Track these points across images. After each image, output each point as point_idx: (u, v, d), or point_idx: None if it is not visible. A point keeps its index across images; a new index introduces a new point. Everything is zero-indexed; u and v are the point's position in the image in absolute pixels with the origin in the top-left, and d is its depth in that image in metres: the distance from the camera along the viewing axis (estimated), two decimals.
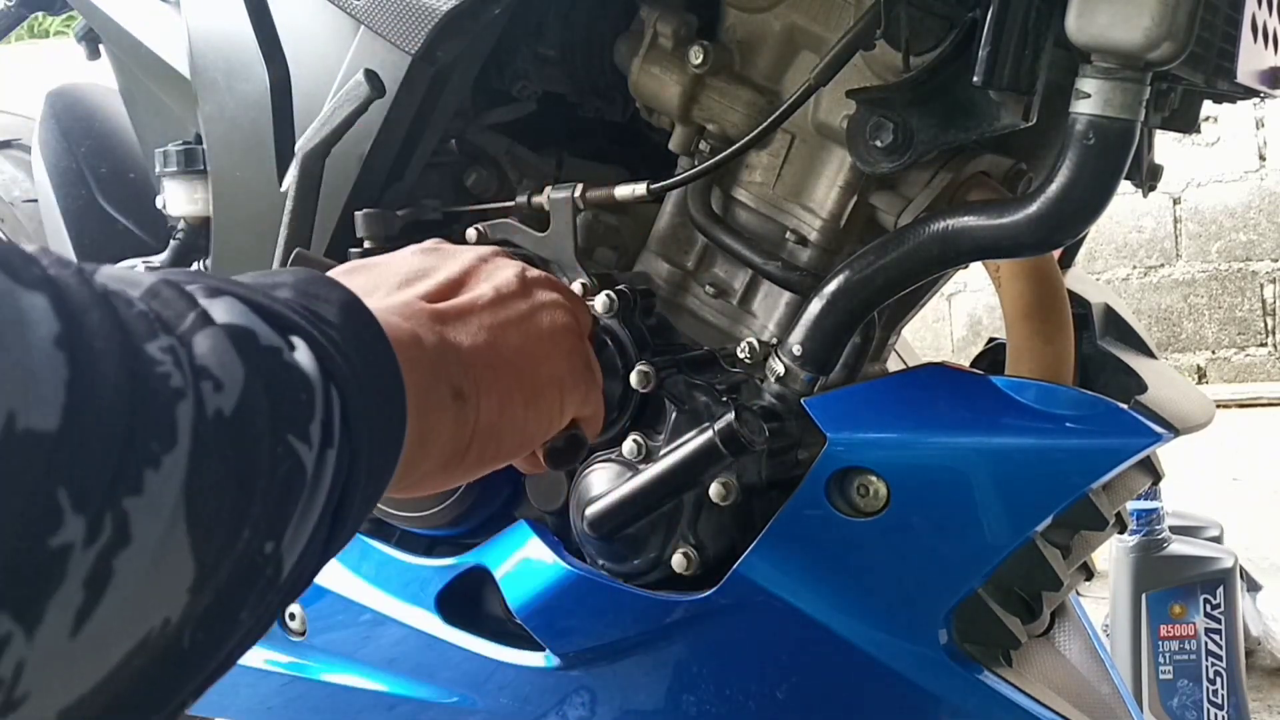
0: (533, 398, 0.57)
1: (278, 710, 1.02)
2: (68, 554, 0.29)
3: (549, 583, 0.85)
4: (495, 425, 0.54)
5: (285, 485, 0.36)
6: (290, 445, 0.37)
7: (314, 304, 0.42)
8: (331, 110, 0.92)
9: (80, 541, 0.29)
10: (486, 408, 0.53)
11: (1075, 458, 0.72)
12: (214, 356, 0.35)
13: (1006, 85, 0.69)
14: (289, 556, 0.37)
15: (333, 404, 0.39)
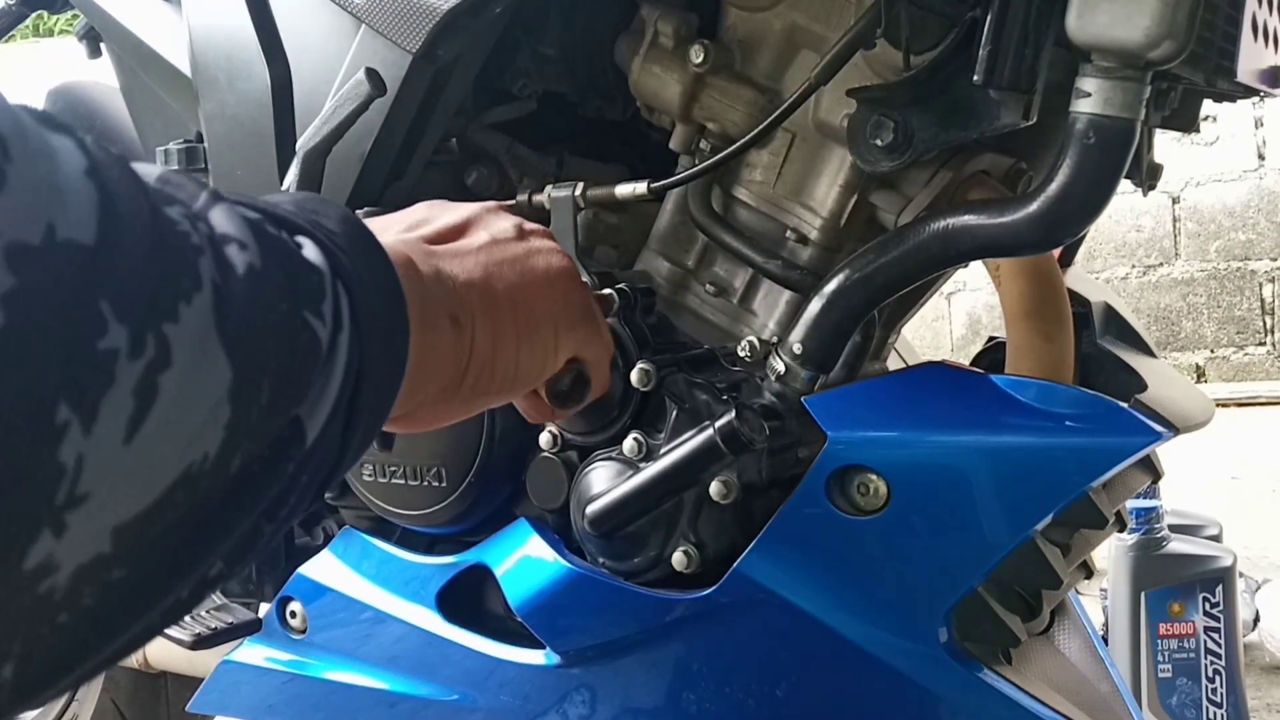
0: (527, 332, 0.58)
1: (279, 708, 1.02)
2: (114, 359, 0.30)
3: (549, 581, 0.85)
4: (490, 356, 0.55)
5: (303, 352, 0.38)
6: (305, 319, 0.38)
7: (314, 215, 0.43)
8: (332, 109, 0.92)
9: (125, 351, 0.30)
10: (481, 337, 0.55)
11: (1075, 456, 0.72)
12: (230, 226, 0.36)
13: (1007, 84, 0.69)
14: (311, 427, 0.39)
15: (340, 296, 0.40)
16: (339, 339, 0.40)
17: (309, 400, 0.38)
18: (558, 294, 0.62)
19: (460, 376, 0.54)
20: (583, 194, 0.87)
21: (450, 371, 0.53)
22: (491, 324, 0.56)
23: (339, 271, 0.41)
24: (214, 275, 0.34)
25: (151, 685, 1.52)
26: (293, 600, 1.01)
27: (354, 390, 0.41)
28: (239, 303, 0.35)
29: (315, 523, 1.09)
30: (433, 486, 0.92)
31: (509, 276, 0.58)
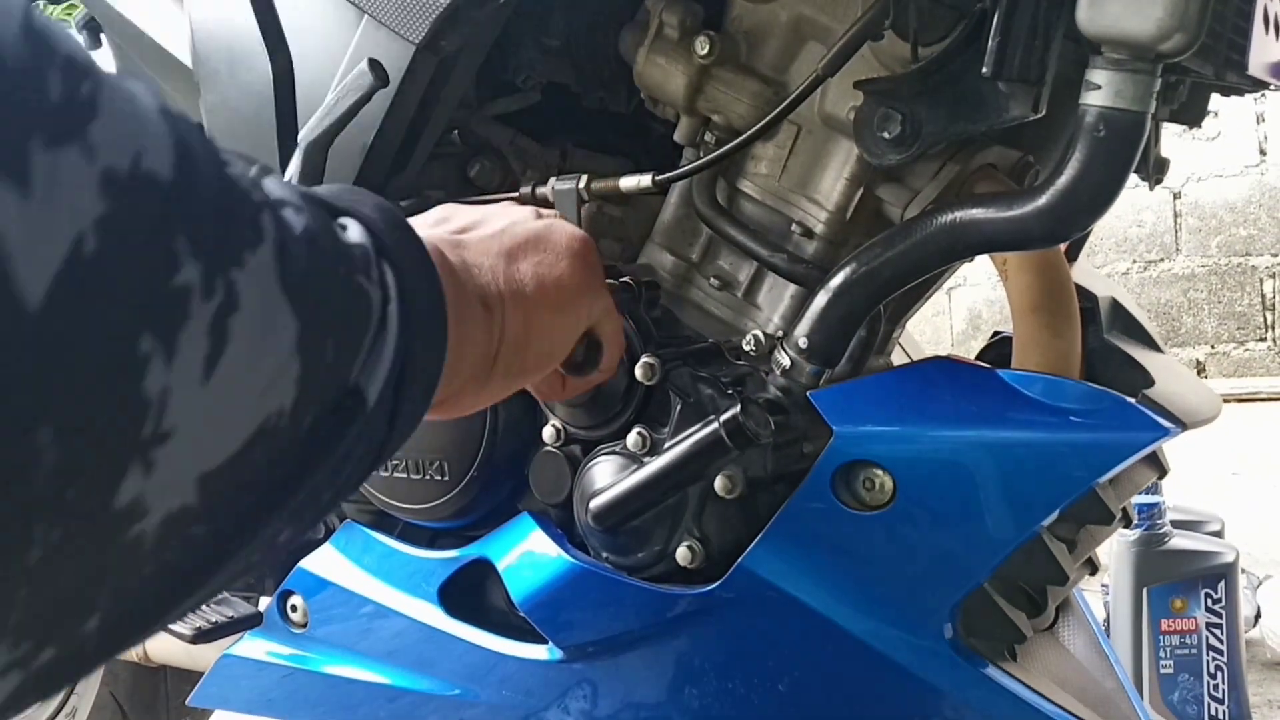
0: (555, 305, 0.60)
1: (279, 702, 1.02)
2: (189, 295, 0.30)
3: (552, 575, 0.84)
4: (521, 337, 0.57)
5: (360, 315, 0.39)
6: (359, 283, 0.39)
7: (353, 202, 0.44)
8: (335, 100, 0.91)
9: (199, 289, 0.31)
10: (512, 319, 0.56)
11: (1082, 452, 0.71)
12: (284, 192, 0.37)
13: (1016, 76, 0.68)
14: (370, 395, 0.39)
15: (385, 270, 0.41)
16: (389, 310, 0.40)
17: (366, 366, 0.39)
18: (579, 262, 0.63)
19: (492, 359, 0.55)
20: (587, 186, 0.87)
21: (482, 355, 0.54)
22: (521, 304, 0.57)
23: (383, 251, 0.42)
24: (275, 231, 0.35)
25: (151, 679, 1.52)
26: (293, 594, 1.01)
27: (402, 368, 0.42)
28: (300, 259, 0.35)
29: None
30: (435, 480, 0.91)
31: (531, 253, 0.60)
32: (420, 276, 0.44)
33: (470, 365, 0.53)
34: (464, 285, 0.53)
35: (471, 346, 0.53)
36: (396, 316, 0.41)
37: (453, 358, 0.48)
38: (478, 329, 0.53)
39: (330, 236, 0.38)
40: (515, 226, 0.61)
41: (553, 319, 0.60)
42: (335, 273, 0.38)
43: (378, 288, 0.40)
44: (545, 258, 0.60)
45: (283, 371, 0.34)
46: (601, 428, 0.84)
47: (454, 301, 0.49)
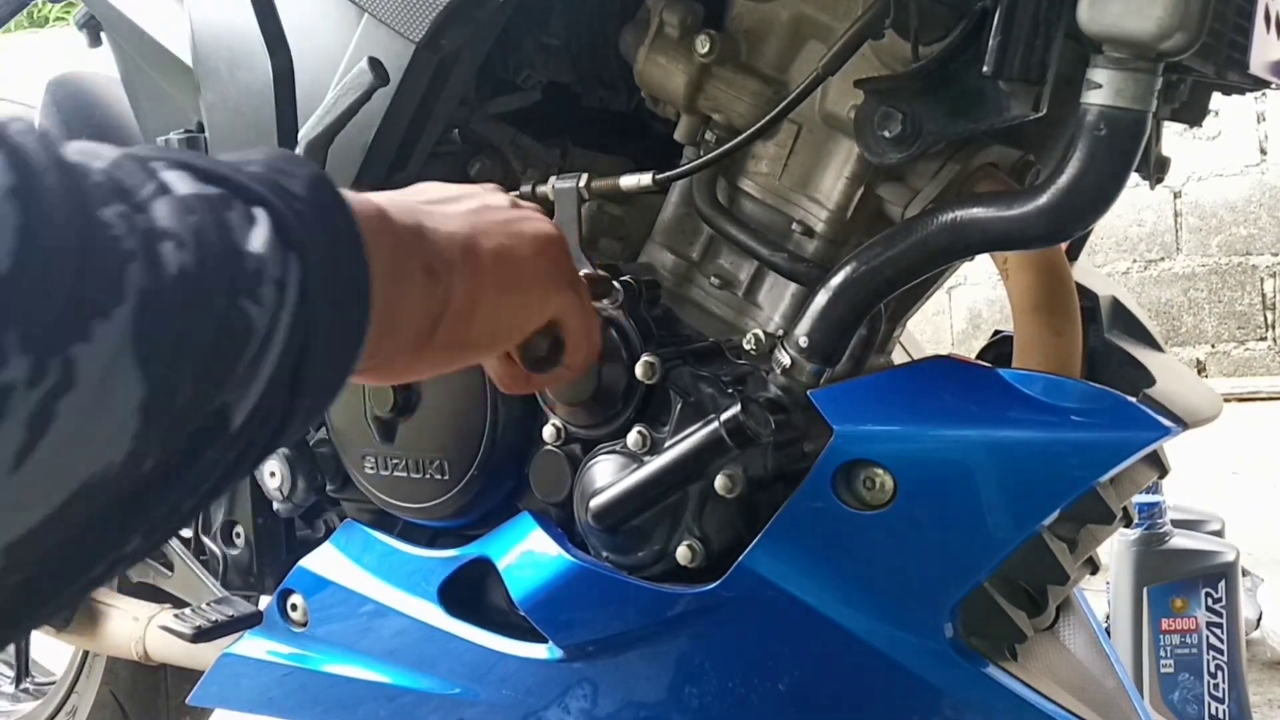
0: (508, 289, 0.59)
1: (279, 701, 1.02)
2: (10, 392, 0.31)
3: (552, 574, 0.84)
4: (467, 308, 0.56)
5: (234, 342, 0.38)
6: (240, 307, 0.39)
7: (281, 178, 0.44)
8: (335, 99, 0.91)
9: (23, 381, 0.31)
10: (459, 289, 0.55)
11: (1083, 451, 0.71)
12: (171, 220, 0.37)
13: (1017, 75, 0.68)
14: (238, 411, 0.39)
15: (289, 271, 0.41)
16: (279, 317, 0.40)
17: (236, 386, 0.39)
18: (544, 256, 0.62)
19: (433, 326, 0.54)
20: (587, 185, 0.87)
21: (421, 321, 0.53)
22: (472, 276, 0.56)
23: (291, 243, 0.41)
24: (142, 281, 0.35)
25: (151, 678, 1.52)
26: (294, 593, 1.01)
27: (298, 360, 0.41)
28: (165, 305, 0.35)
29: (317, 515, 1.08)
30: (435, 479, 0.91)
31: (495, 234, 0.59)
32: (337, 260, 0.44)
33: (407, 330, 0.53)
34: (406, 248, 0.52)
35: (408, 312, 0.52)
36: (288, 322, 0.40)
37: (384, 323, 0.48)
38: (416, 294, 0.52)
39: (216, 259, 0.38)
40: (488, 210, 0.61)
41: (502, 298, 0.59)
42: (210, 305, 0.37)
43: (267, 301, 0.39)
44: (508, 241, 0.60)
45: (119, 432, 0.35)
46: (602, 427, 0.84)
47: (389, 265, 0.49)
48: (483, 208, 0.60)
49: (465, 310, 0.55)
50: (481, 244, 0.58)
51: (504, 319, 0.59)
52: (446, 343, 0.55)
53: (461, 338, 0.56)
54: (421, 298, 0.53)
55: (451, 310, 0.55)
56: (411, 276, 0.52)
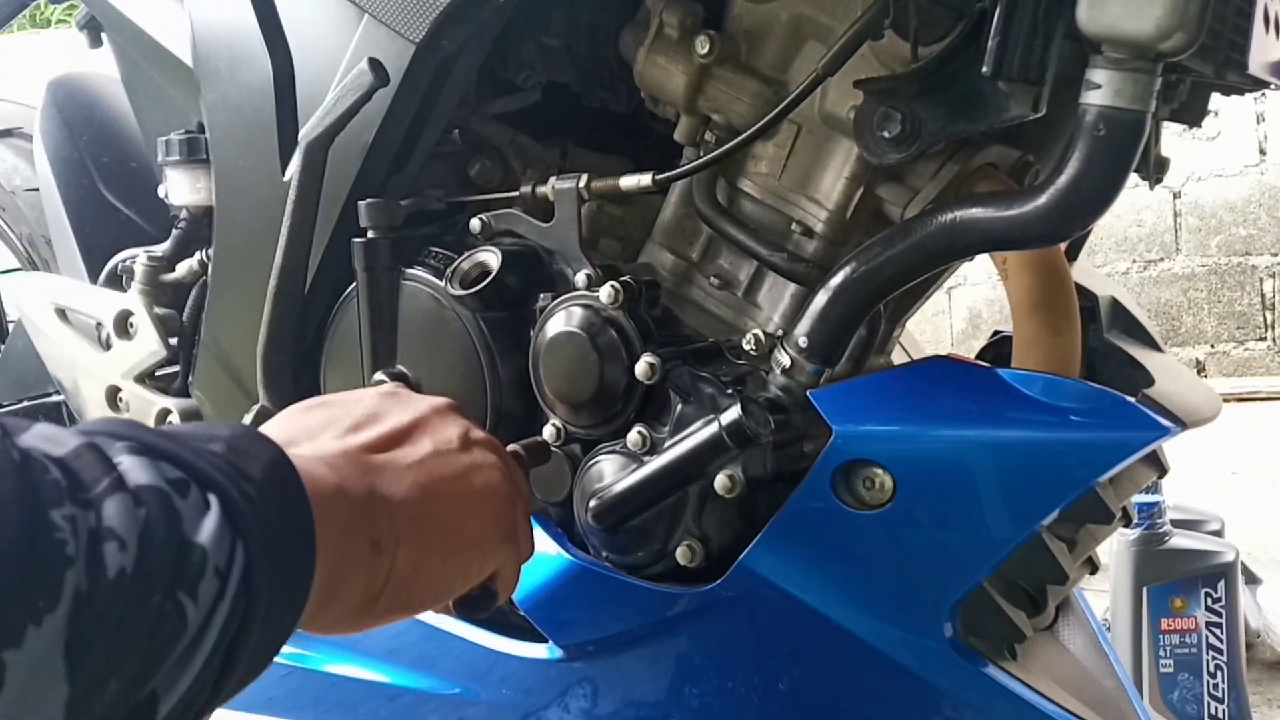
0: (451, 554, 0.59)
1: (279, 701, 1.02)
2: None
3: (552, 574, 0.84)
4: (409, 578, 0.56)
5: (166, 637, 0.40)
6: (179, 601, 0.40)
7: (241, 460, 0.45)
8: (335, 99, 0.91)
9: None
10: (403, 560, 0.55)
11: (1082, 451, 0.71)
12: (119, 520, 0.38)
13: (1016, 76, 0.68)
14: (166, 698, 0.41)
15: (235, 560, 0.42)
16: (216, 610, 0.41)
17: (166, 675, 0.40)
18: (489, 515, 0.62)
19: (376, 597, 0.55)
20: (587, 186, 0.87)
21: (363, 594, 0.54)
22: (417, 547, 0.56)
23: (240, 531, 0.43)
24: (79, 584, 0.36)
25: None
26: None
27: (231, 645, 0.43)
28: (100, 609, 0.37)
29: None
30: None
31: (444, 495, 0.59)
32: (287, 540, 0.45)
33: (350, 601, 0.53)
34: (356, 524, 0.52)
35: (352, 587, 0.53)
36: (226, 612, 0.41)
37: (322, 600, 0.49)
38: (360, 572, 0.53)
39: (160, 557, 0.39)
40: (437, 459, 0.60)
41: (445, 567, 0.59)
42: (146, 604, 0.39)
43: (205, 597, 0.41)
44: (455, 504, 0.59)
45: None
46: (601, 427, 0.84)
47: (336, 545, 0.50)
48: (434, 455, 0.60)
49: (407, 579, 0.56)
50: (429, 510, 0.58)
51: (444, 584, 0.60)
52: (388, 608, 0.56)
53: (403, 602, 0.57)
54: (365, 574, 0.53)
55: (394, 580, 0.55)
56: (358, 556, 0.52)
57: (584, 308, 0.83)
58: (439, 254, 0.94)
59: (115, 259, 1.28)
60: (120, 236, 1.34)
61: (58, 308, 1.27)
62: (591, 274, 0.84)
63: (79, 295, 1.27)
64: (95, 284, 1.30)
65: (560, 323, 0.84)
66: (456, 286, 0.89)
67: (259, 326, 0.98)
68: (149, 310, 1.19)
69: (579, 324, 0.83)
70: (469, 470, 0.61)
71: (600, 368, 0.82)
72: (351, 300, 0.96)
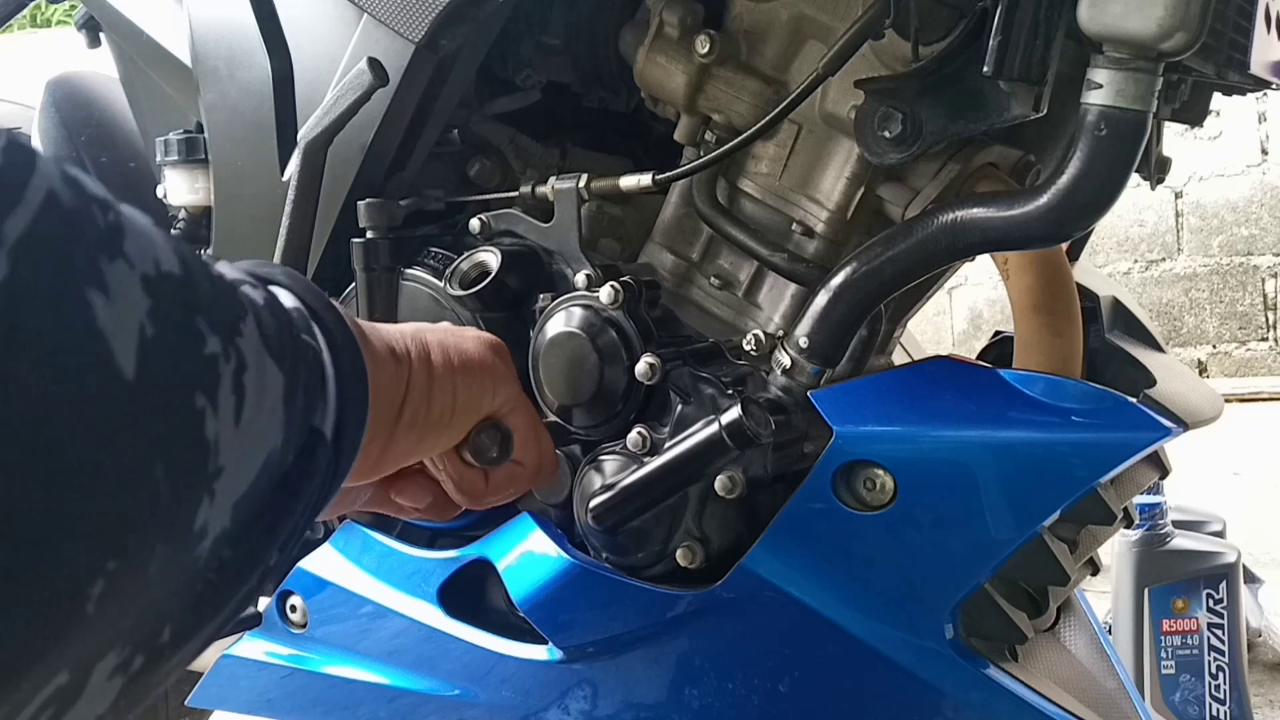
0: (459, 369, 0.66)
1: (278, 702, 1.02)
2: (216, 361, 0.39)
3: (552, 575, 0.84)
4: (426, 386, 0.62)
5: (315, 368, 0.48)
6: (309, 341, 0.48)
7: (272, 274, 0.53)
8: (334, 99, 0.91)
9: (221, 356, 0.39)
10: (418, 372, 0.62)
11: (1083, 452, 0.71)
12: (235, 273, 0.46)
13: (1017, 76, 0.68)
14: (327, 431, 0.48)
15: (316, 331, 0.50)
16: (325, 361, 0.49)
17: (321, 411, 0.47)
18: (488, 349, 0.69)
19: (400, 405, 0.61)
20: (587, 185, 0.86)
21: (392, 400, 0.60)
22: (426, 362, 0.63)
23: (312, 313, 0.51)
24: (249, 304, 0.43)
25: None
26: (293, 594, 1.01)
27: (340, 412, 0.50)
28: (269, 324, 0.43)
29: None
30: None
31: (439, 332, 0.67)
32: (341, 332, 0.52)
33: (381, 411, 0.59)
34: (373, 339, 0.59)
35: (382, 392, 0.58)
36: (331, 367, 0.49)
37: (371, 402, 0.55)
38: (387, 374, 0.59)
39: (276, 304, 0.46)
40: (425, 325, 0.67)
41: (455, 379, 0.65)
42: (291, 333, 0.46)
43: (321, 341, 0.49)
44: (450, 337, 0.66)
45: (274, 416, 0.42)
46: (601, 427, 0.83)
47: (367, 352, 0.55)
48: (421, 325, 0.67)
49: (424, 389, 0.62)
50: (428, 337, 0.65)
51: (458, 397, 0.65)
52: (411, 421, 0.62)
53: (423, 416, 0.63)
54: (392, 377, 0.60)
55: (414, 389, 0.61)
56: (383, 359, 0.59)
57: (584, 308, 0.83)
58: (438, 254, 0.93)
59: None
60: None
61: None
62: (591, 274, 0.84)
63: None
64: None
65: (560, 323, 0.84)
66: (456, 287, 0.89)
67: None
68: None
69: (579, 324, 0.83)
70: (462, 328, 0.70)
71: (600, 368, 0.82)
72: (350, 300, 0.96)
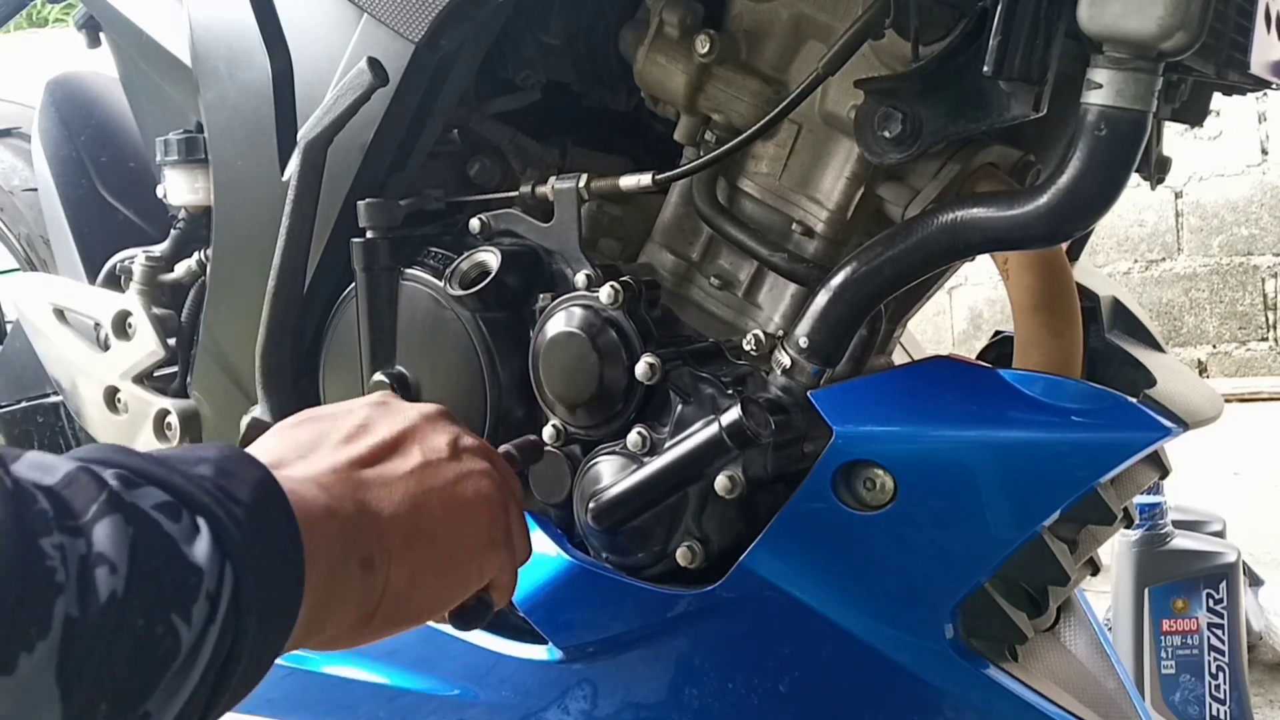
0: (446, 567, 0.59)
1: (278, 702, 1.02)
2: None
3: (552, 575, 0.84)
4: (405, 592, 0.56)
5: (159, 659, 0.40)
6: (171, 624, 0.41)
7: (229, 482, 0.46)
8: (334, 99, 0.91)
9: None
10: (396, 576, 0.55)
11: (1083, 452, 0.71)
12: (110, 544, 0.39)
13: (1017, 75, 0.68)
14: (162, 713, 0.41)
15: (224, 583, 0.43)
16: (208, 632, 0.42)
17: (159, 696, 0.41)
18: (481, 523, 0.62)
19: (371, 614, 0.55)
20: (587, 185, 0.86)
21: (357, 612, 0.54)
22: (410, 562, 0.57)
23: (229, 554, 0.43)
24: (70, 610, 0.37)
25: None
26: None
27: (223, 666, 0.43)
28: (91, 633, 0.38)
29: None
30: None
31: (434, 508, 0.59)
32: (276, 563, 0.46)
33: (344, 620, 0.54)
34: (346, 544, 0.52)
35: (345, 607, 0.53)
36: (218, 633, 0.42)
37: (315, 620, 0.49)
38: (352, 591, 0.53)
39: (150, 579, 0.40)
40: (427, 470, 0.60)
41: (439, 581, 0.59)
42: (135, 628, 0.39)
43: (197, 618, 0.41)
44: (449, 516, 0.59)
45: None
46: (601, 427, 0.83)
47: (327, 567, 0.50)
48: (424, 466, 0.60)
49: (403, 594, 0.56)
50: (421, 524, 0.58)
51: (440, 596, 0.60)
52: (384, 623, 0.56)
53: (399, 617, 0.57)
54: (358, 593, 0.54)
55: (389, 596, 0.55)
56: (349, 575, 0.53)
57: (584, 308, 0.83)
58: (438, 254, 0.93)
59: (113, 259, 1.28)
60: (118, 236, 1.33)
61: (56, 308, 1.27)
62: (591, 274, 0.84)
63: (77, 295, 1.27)
64: (93, 284, 1.30)
65: (560, 323, 0.84)
66: (456, 287, 0.89)
67: (258, 327, 0.97)
68: (147, 310, 1.19)
69: (579, 324, 0.83)
70: (460, 478, 0.61)
71: (600, 368, 0.82)
72: (350, 300, 0.95)
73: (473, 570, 0.61)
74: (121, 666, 0.39)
